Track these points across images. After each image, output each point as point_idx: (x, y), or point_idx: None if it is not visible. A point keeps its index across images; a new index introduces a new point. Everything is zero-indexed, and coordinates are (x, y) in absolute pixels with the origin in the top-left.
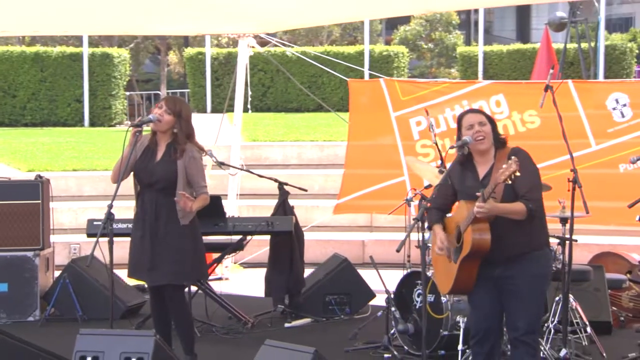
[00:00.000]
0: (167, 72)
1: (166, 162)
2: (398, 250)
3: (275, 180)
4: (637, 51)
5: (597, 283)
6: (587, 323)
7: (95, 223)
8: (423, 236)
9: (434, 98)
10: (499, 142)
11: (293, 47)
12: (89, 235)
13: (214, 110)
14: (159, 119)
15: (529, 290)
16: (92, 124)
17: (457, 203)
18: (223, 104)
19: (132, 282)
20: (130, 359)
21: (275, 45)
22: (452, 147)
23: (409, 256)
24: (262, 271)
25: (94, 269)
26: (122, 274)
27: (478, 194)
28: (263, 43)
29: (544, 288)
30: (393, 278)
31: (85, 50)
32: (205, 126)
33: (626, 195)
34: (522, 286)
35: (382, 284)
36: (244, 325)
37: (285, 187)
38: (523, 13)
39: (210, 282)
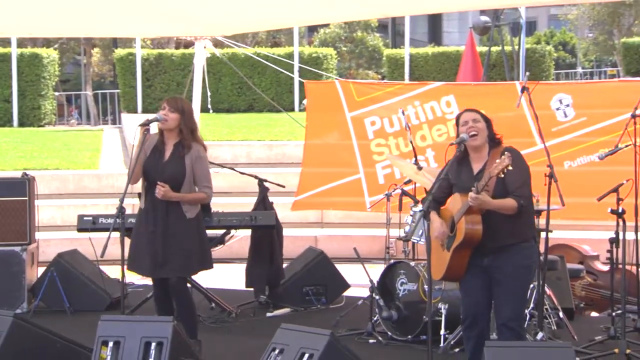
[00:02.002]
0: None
1: (175, 161)
2: (407, 240)
3: (256, 177)
4: (555, 54)
5: (559, 272)
6: (560, 308)
7: (85, 219)
8: (428, 227)
9: (388, 99)
10: (494, 141)
11: (247, 48)
12: (80, 230)
13: (144, 111)
14: (165, 118)
15: (514, 280)
16: (21, 124)
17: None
18: (154, 105)
19: (115, 275)
20: (150, 343)
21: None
22: (451, 144)
23: (388, 248)
24: (220, 266)
25: (80, 263)
26: (105, 268)
27: (472, 187)
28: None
29: (529, 278)
30: (349, 272)
31: (14, 51)
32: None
33: (571, 191)
34: (508, 275)
35: (365, 274)
36: (229, 315)
37: (265, 183)
38: (435, 17)
39: None
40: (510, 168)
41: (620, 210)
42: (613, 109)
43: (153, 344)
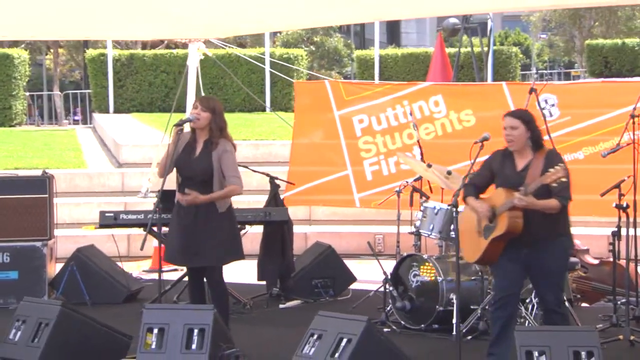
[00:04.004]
0: (48, 74)
1: (204, 157)
2: (418, 234)
3: (267, 175)
4: (521, 56)
5: None
6: (565, 298)
7: (107, 215)
8: (456, 218)
9: (377, 98)
10: (537, 141)
11: (235, 48)
12: (102, 226)
13: (116, 111)
14: (197, 118)
15: (554, 269)
16: None
17: (492, 186)
18: (126, 105)
19: (131, 269)
20: (193, 330)
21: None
22: (475, 142)
23: (398, 242)
24: None
25: (97, 257)
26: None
27: (521, 188)
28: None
29: (565, 266)
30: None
31: None
32: (120, 126)
33: None
34: (548, 266)
35: (370, 268)
36: (244, 307)
37: (276, 181)
38: None
39: (165, 272)
40: (563, 180)
41: (624, 205)
42: (596, 109)
43: (195, 331)
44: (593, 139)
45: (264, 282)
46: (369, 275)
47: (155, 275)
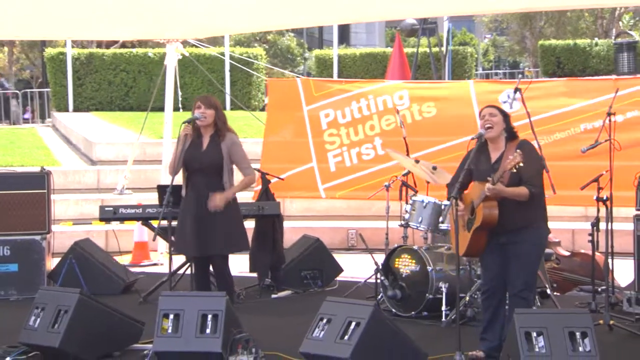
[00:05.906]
0: None
1: (212, 149)
2: (442, 222)
3: (259, 171)
4: (475, 56)
5: None
6: (548, 286)
7: (106, 209)
8: (456, 213)
9: (344, 93)
10: (511, 133)
11: (210, 47)
12: (102, 219)
13: (75, 109)
14: (204, 116)
15: (527, 256)
16: None
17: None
18: (85, 103)
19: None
20: (207, 315)
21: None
22: (472, 138)
23: (387, 234)
24: None
25: (94, 251)
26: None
27: (489, 178)
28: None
29: (539, 254)
30: None
31: None
32: (85, 125)
33: None
34: (521, 252)
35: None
36: (238, 297)
37: (266, 176)
38: None
39: (146, 267)
40: (521, 165)
41: (604, 198)
42: (554, 103)
43: (209, 316)
44: (549, 129)
45: (255, 274)
46: (347, 268)
47: (141, 269)
